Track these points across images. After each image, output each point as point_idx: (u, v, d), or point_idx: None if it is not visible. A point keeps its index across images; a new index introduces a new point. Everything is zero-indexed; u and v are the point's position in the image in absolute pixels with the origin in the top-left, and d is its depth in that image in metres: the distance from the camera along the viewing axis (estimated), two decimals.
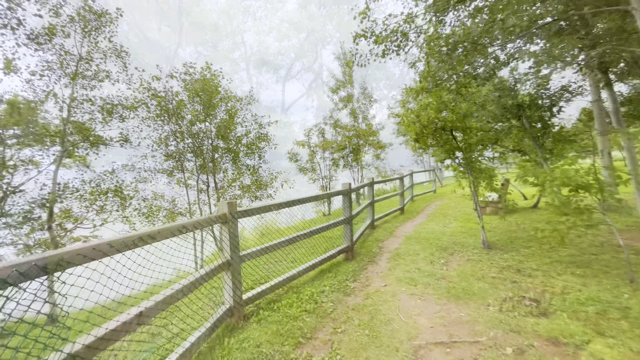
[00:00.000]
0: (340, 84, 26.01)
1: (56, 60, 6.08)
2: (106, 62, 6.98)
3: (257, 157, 9.90)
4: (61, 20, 6.19)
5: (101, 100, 6.79)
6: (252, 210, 3.76)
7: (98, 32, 6.71)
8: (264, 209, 3.91)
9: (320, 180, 13.05)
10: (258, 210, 3.85)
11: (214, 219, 3.17)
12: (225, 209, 3.33)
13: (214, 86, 7.62)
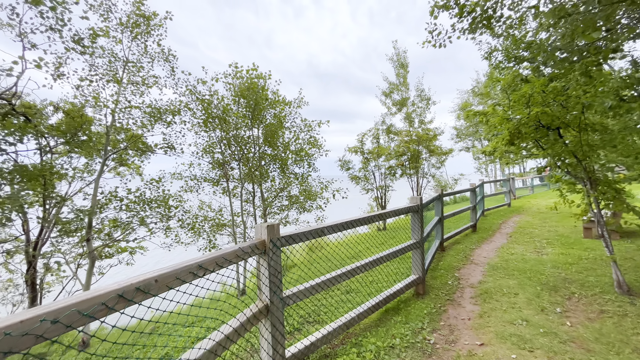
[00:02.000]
0: (393, 87, 24.65)
1: (103, 64, 6.02)
2: (153, 66, 6.85)
3: (306, 165, 9.15)
4: (112, 26, 6.14)
5: (147, 106, 6.64)
6: (301, 236, 2.87)
7: (147, 36, 6.58)
8: (316, 232, 3.00)
9: (374, 190, 11.89)
10: (308, 234, 2.95)
11: (249, 249, 2.32)
12: (264, 234, 2.49)
13: (261, 88, 7.08)
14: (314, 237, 3.05)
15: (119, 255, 7.19)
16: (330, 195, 8.13)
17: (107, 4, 5.97)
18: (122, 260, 7.20)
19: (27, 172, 5.22)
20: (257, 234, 2.60)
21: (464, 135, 33.43)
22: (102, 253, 7.10)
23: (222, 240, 8.24)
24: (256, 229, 2.63)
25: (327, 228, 3.17)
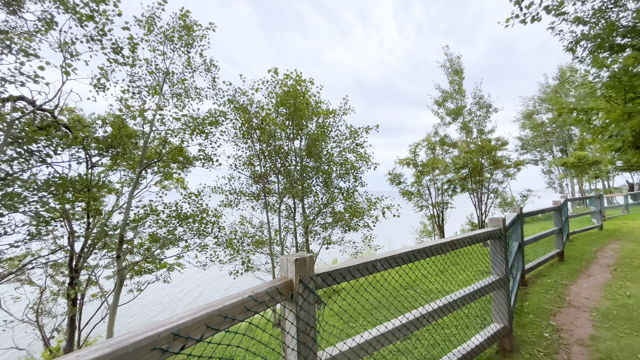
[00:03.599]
0: (447, 95, 23.00)
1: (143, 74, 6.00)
2: (194, 76, 6.75)
3: (351, 179, 8.34)
4: (155, 38, 6.13)
5: (189, 117, 6.49)
6: (344, 272, 2.07)
7: (189, 47, 6.51)
8: (365, 267, 2.18)
9: (429, 207, 10.59)
10: (354, 270, 2.14)
11: (266, 295, 1.58)
12: (291, 271, 1.75)
13: (302, 94, 6.56)
14: (362, 274, 2.22)
15: (157, 271, 6.98)
16: (380, 212, 7.19)
17: (151, 15, 5.99)
18: (159, 277, 7.00)
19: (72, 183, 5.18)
20: (282, 270, 1.85)
21: (530, 147, 29.85)
22: (142, 268, 6.95)
23: (260, 260, 7.71)
24: (280, 264, 1.89)
25: (381, 261, 2.32)
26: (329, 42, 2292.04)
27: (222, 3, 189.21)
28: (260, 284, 1.66)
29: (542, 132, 28.41)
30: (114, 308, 5.25)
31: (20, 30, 5.06)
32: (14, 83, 3.98)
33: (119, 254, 5.38)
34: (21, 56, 4.58)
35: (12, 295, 6.70)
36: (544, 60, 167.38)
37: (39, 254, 6.14)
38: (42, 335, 6.59)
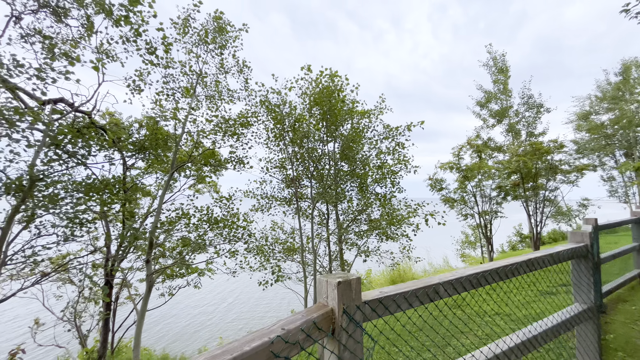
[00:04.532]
0: (490, 96, 21.55)
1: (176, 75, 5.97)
2: (226, 77, 6.65)
3: (389, 184, 7.78)
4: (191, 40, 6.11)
5: (221, 118, 6.38)
6: (398, 298, 1.63)
7: (222, 49, 6.43)
8: (424, 293, 1.72)
9: (475, 216, 9.66)
10: (412, 297, 1.68)
11: (308, 328, 1.16)
12: (333, 298, 1.35)
13: (337, 91, 6.17)
14: (421, 302, 1.75)
15: (188, 276, 6.90)
16: (422, 220, 6.55)
17: (187, 17, 5.98)
18: (190, 282, 6.90)
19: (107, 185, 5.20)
20: (320, 295, 1.44)
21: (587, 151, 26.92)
22: (173, 272, 6.90)
23: (292, 269, 7.37)
24: (318, 287, 1.47)
25: (445, 285, 1.84)
26: (361, 48, 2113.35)
27: (259, 15, 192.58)
28: (292, 317, 1.25)
29: (602, 134, 25.55)
30: (142, 315, 5.18)
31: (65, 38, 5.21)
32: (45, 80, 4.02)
33: (149, 259, 5.32)
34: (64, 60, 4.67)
35: (55, 294, 6.96)
36: (597, 57, 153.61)
37: (78, 255, 6.32)
38: (79, 335, 6.76)
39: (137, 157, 6.20)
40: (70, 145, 4.57)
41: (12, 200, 4.11)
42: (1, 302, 4.50)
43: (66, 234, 4.62)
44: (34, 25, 4.78)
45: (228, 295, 16.02)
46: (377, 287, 7.77)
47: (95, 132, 5.00)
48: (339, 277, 1.41)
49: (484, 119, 21.38)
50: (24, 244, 4.44)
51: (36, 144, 4.27)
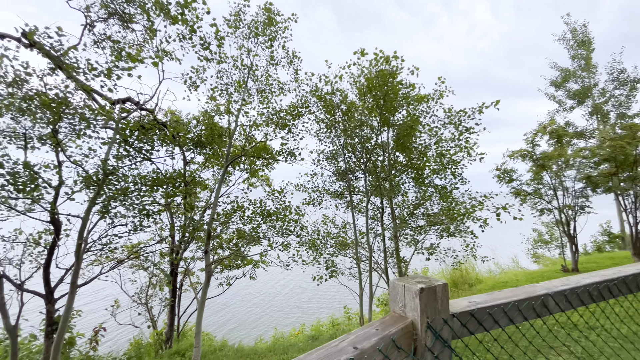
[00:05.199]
0: (567, 75, 18.81)
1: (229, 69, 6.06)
2: (277, 69, 6.60)
3: (449, 175, 7.10)
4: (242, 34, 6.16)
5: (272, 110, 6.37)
6: (495, 311, 1.25)
7: (272, 41, 6.38)
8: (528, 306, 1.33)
9: (554, 211, 8.41)
10: (511, 308, 1.29)
11: (385, 347, 0.88)
12: (413, 309, 1.05)
13: (391, 75, 5.71)
14: (524, 317, 1.37)
15: (244, 267, 7.08)
16: (492, 214, 5.80)
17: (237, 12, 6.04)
18: (246, 273, 7.10)
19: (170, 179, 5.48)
20: (395, 304, 1.17)
21: None
22: (231, 262, 7.14)
23: (345, 264, 7.15)
24: (392, 291, 1.20)
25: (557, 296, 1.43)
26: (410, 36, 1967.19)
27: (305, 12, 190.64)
28: (364, 331, 0.99)
29: None
30: (202, 303, 5.42)
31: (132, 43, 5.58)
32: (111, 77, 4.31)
33: (207, 249, 5.54)
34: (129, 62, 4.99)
35: (130, 279, 7.71)
36: None
37: (147, 244, 6.88)
38: (150, 317, 7.41)
39: (195, 151, 6.52)
40: (137, 141, 4.90)
41: (90, 193, 4.53)
42: (85, 284, 5.04)
43: (135, 224, 4.99)
44: (104, 32, 5.18)
45: (283, 286, 16.49)
46: None
47: (158, 129, 5.31)
48: (420, 281, 1.11)
49: (559, 101, 18.73)
50: (101, 232, 4.90)
51: (108, 140, 4.64)
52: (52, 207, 4.49)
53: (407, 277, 1.21)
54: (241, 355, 6.21)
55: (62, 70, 4.51)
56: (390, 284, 1.22)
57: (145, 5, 5.34)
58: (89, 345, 6.32)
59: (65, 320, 4.35)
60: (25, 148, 4.88)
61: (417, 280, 1.14)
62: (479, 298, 1.32)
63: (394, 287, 1.18)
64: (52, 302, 4.91)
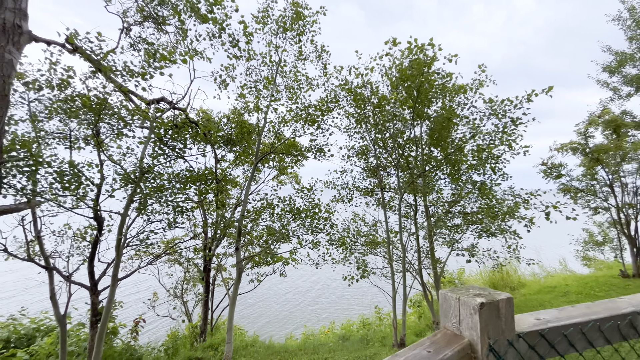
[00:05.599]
0: (623, 59, 16.99)
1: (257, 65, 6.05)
2: (305, 64, 6.50)
3: (488, 170, 6.64)
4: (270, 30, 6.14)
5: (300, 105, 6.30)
6: (570, 332, 1.02)
7: (300, 36, 6.29)
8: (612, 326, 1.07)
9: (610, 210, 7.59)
10: (590, 329, 1.06)
11: None
12: (471, 328, 0.87)
13: (426, 64, 5.38)
14: (608, 341, 1.15)
15: (274, 264, 7.11)
16: (537, 213, 5.30)
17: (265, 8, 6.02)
18: (276, 270, 7.12)
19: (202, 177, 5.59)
20: (446, 319, 1.00)
21: None
22: (261, 259, 7.20)
23: (377, 263, 6.93)
24: (443, 303, 1.03)
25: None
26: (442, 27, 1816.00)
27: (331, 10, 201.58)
28: (413, 352, 0.84)
29: None
30: (234, 299, 5.50)
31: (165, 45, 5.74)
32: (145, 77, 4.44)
33: (238, 246, 5.60)
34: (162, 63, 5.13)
35: (167, 272, 8.05)
36: None
37: (182, 239, 7.12)
38: (186, 310, 7.70)
39: (226, 149, 6.63)
40: (170, 140, 5.03)
41: (128, 190, 4.72)
42: (125, 278, 5.29)
43: (170, 221, 5.15)
44: (139, 35, 5.36)
45: (314, 283, 16.55)
46: None
47: (190, 127, 5.43)
48: (479, 294, 0.94)
49: (614, 88, 16.97)
50: (139, 228, 5.11)
51: (144, 139, 4.81)
52: (95, 204, 4.74)
53: (462, 289, 1.03)
54: (272, 352, 6.26)
55: (101, 73, 4.72)
56: (440, 296, 1.05)
57: (177, 7, 5.47)
58: (130, 335, 6.69)
59: (108, 311, 4.59)
60: (71, 148, 5.20)
61: (474, 292, 0.96)
62: (548, 314, 1.11)
63: (446, 299, 1.01)
64: (96, 294, 5.22)
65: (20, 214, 4.67)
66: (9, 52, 4.04)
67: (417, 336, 7.00)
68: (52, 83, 4.37)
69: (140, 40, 5.32)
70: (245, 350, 6.41)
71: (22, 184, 3.75)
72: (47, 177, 4.01)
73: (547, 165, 8.05)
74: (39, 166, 3.94)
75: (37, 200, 4.29)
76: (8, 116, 4.39)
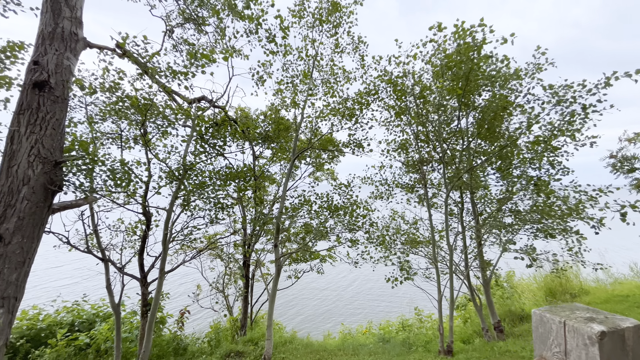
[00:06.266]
0: None
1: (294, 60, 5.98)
2: (342, 57, 6.32)
3: (545, 164, 6.02)
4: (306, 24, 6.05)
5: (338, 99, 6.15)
6: None
7: (337, 27, 6.12)
8: None
9: None
10: None
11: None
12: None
13: (478, 48, 4.92)
14: None
15: (311, 261, 7.08)
16: (611, 213, 4.64)
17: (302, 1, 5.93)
18: (313, 267, 7.08)
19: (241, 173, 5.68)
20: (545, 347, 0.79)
21: None
22: (298, 256, 7.20)
23: (419, 263, 6.59)
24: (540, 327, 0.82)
25: None
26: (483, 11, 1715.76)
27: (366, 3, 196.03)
28: None
29: None
30: (273, 296, 5.54)
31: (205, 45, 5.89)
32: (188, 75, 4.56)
33: (277, 243, 5.62)
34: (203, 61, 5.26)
35: (209, 266, 8.37)
36: None
37: (222, 235, 7.35)
38: (227, 304, 7.96)
39: (264, 146, 6.69)
40: (211, 137, 5.15)
41: (172, 187, 4.92)
42: (171, 271, 5.55)
43: (212, 217, 5.30)
44: (181, 36, 5.54)
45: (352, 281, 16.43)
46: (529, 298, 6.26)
47: (230, 125, 5.54)
48: (592, 318, 0.73)
49: None
50: (183, 224, 5.32)
51: (186, 138, 4.97)
52: (144, 200, 5.00)
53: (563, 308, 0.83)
54: (311, 350, 6.23)
55: (147, 75, 4.94)
56: (535, 317, 0.85)
57: (216, 6, 5.57)
58: (177, 325, 7.05)
59: (156, 303, 4.84)
60: (122, 148, 5.53)
61: (582, 314, 0.76)
62: None
63: (543, 322, 0.81)
64: (145, 285, 5.54)
65: (80, 209, 5.06)
66: (67, 59, 4.35)
67: (464, 343, 6.58)
68: (104, 86, 4.64)
69: (182, 41, 5.50)
70: (284, 347, 6.46)
71: (81, 181, 4.02)
72: (101, 175, 4.27)
73: (617, 157, 7.09)
74: (94, 164, 4.20)
75: (93, 197, 4.61)
76: (68, 119, 4.74)
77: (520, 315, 7.00)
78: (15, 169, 3.61)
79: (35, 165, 3.71)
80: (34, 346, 6.10)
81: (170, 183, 4.95)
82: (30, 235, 3.59)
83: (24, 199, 3.55)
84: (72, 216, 5.07)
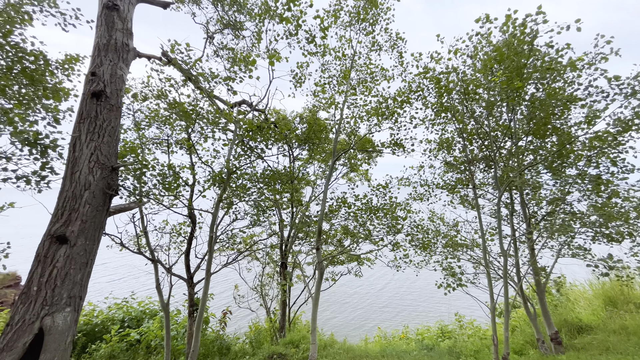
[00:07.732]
0: None
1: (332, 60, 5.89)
2: (380, 55, 6.14)
3: (605, 160, 5.54)
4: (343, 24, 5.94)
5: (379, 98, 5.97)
6: None
7: (374, 25, 5.97)
8: None
9: None
10: None
11: None
12: None
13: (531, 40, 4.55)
14: None
15: (348, 264, 6.96)
16: None
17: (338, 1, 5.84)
18: (351, 270, 6.96)
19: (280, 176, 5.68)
20: None
21: None
22: (335, 259, 7.11)
23: (467, 268, 6.24)
24: None
25: None
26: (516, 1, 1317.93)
27: None
28: None
29: None
30: (316, 300, 5.48)
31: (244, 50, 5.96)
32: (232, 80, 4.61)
33: (318, 246, 5.56)
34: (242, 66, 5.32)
35: (246, 267, 8.50)
36: None
37: (260, 236, 7.42)
38: (265, 305, 8.03)
39: (302, 148, 6.67)
40: (252, 141, 5.20)
41: (217, 190, 5.01)
42: (215, 272, 5.66)
43: (254, 219, 5.34)
44: (221, 42, 5.64)
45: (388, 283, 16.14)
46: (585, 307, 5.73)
47: (270, 129, 5.56)
48: None
49: None
50: (226, 226, 5.41)
51: (229, 142, 5.05)
52: (189, 203, 5.14)
53: None
54: (352, 355, 6.10)
55: (190, 82, 5.06)
56: None
57: (253, 10, 5.62)
58: (219, 325, 7.21)
59: (204, 304, 4.95)
60: (168, 152, 5.72)
61: None
62: None
63: None
64: (192, 286, 5.70)
65: (131, 212, 5.29)
66: (120, 68, 4.54)
67: (517, 354, 6.13)
68: (153, 93, 4.81)
69: (222, 46, 5.60)
70: (325, 351, 6.38)
71: (135, 185, 4.17)
72: (152, 180, 4.42)
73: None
74: (145, 169, 4.35)
75: (143, 200, 4.79)
76: None
77: (579, 326, 6.42)
78: (78, 175, 3.81)
79: (95, 171, 3.90)
80: (90, 340, 6.48)
81: (214, 185, 5.04)
82: (92, 237, 3.78)
83: (86, 203, 3.74)
84: (124, 219, 5.31)
